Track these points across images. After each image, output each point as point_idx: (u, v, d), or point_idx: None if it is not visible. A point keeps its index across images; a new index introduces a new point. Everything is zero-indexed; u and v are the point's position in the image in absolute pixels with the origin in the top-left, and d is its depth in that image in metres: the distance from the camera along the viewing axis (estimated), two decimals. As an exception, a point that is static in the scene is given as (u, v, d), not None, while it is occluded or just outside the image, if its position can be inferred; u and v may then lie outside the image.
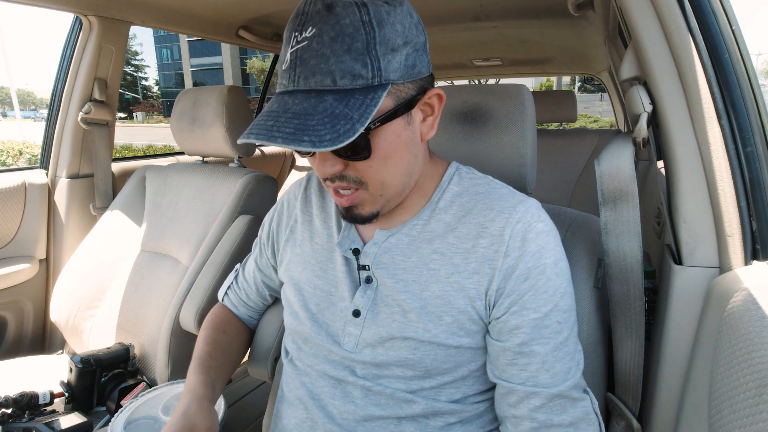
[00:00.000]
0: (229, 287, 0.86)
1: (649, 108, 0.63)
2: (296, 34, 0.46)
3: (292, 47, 0.47)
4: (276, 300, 0.88)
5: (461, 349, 0.57)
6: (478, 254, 0.56)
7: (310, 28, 0.45)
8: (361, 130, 0.43)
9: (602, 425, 0.56)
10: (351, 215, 0.56)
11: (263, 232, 0.78)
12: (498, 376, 0.57)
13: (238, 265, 0.87)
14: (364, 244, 0.62)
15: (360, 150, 0.49)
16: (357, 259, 0.61)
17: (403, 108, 0.49)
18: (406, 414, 0.59)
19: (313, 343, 0.64)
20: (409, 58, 0.48)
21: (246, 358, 0.90)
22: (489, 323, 0.57)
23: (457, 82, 2.84)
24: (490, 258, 0.55)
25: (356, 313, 0.60)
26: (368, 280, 0.60)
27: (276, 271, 0.77)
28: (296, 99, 0.46)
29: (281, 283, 0.74)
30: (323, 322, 0.63)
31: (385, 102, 0.47)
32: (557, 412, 0.53)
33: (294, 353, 0.68)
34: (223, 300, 0.87)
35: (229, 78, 44.05)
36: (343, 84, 0.45)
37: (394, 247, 0.59)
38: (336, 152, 0.50)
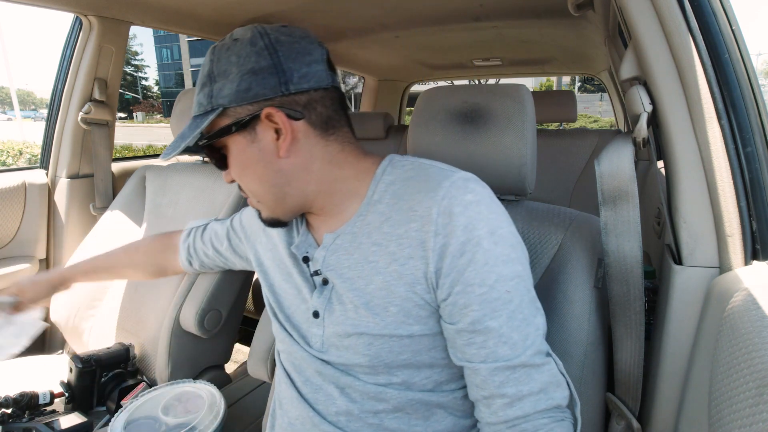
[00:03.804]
0: (196, 227, 0.96)
1: (649, 108, 0.63)
2: None
3: None
4: None
5: (414, 337, 0.57)
6: (410, 238, 0.56)
7: None
8: (183, 145, 0.56)
9: (570, 383, 0.56)
10: (260, 218, 0.65)
11: (246, 219, 0.83)
12: (460, 358, 0.56)
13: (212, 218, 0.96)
14: (319, 246, 0.64)
15: (212, 160, 0.62)
16: (308, 266, 0.64)
17: (238, 127, 0.56)
18: (383, 408, 0.60)
19: (291, 343, 0.67)
20: (242, 83, 0.54)
21: (246, 358, 0.90)
22: (438, 307, 0.57)
23: (457, 82, 2.84)
24: (421, 240, 0.55)
25: (315, 314, 0.63)
26: (325, 281, 0.62)
27: (244, 251, 0.84)
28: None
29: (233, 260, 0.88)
30: (295, 324, 0.67)
31: (222, 121, 0.57)
32: (524, 382, 0.53)
33: (282, 355, 0.71)
34: (183, 240, 0.96)
35: (229, 78, 43.74)
36: (195, 111, 0.59)
37: (339, 247, 0.61)
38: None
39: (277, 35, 0.56)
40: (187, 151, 0.60)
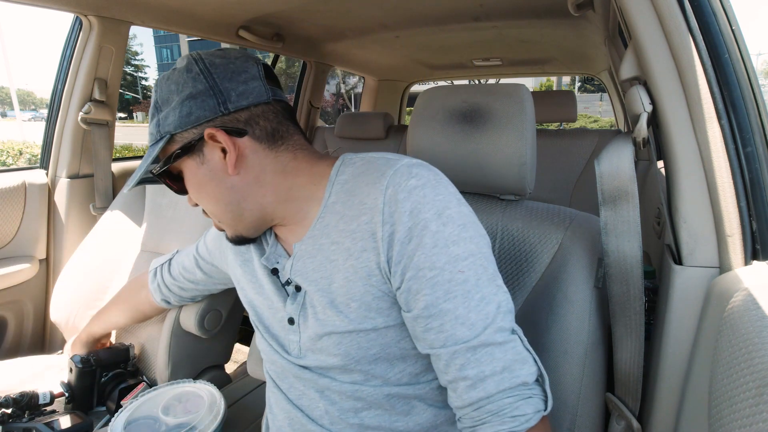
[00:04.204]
0: (161, 265, 0.98)
1: (649, 108, 0.63)
2: None
3: None
4: None
5: (379, 330, 0.58)
6: (362, 231, 0.56)
7: None
8: (139, 175, 0.59)
9: (537, 360, 0.54)
10: (228, 239, 0.66)
11: (210, 240, 0.85)
12: (423, 346, 0.56)
13: (176, 250, 0.98)
14: (290, 256, 0.64)
15: (167, 185, 0.63)
16: (278, 277, 0.66)
17: (186, 150, 0.58)
18: (362, 406, 0.61)
19: (272, 353, 0.68)
20: (183, 108, 0.56)
21: (246, 358, 0.90)
22: (396, 295, 0.57)
23: (457, 82, 2.84)
24: (372, 231, 0.55)
25: (291, 321, 0.64)
26: (297, 288, 0.63)
27: (219, 272, 0.86)
28: None
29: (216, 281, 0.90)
30: (274, 334, 0.68)
31: (171, 148, 0.59)
32: (486, 362, 0.52)
33: (266, 364, 0.73)
34: (151, 281, 0.98)
35: (229, 78, 43.81)
36: (149, 142, 0.60)
37: (304, 252, 0.61)
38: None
39: (212, 59, 0.58)
40: (147, 181, 0.63)
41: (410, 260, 0.53)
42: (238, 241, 0.65)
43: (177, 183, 0.63)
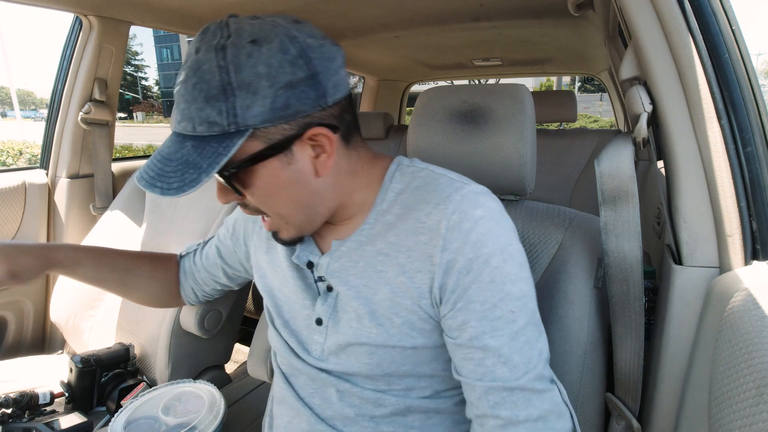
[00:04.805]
0: (188, 254, 0.88)
1: (649, 108, 0.63)
2: (178, 75, 0.49)
3: (175, 88, 0.49)
4: None
5: (418, 349, 0.56)
6: (419, 251, 0.54)
7: (183, 72, 0.47)
8: (206, 179, 0.45)
9: (574, 416, 0.53)
10: (277, 239, 0.59)
11: (231, 221, 0.79)
12: (458, 372, 0.55)
13: (200, 242, 0.88)
14: (323, 254, 0.61)
15: (233, 189, 0.51)
16: (312, 272, 0.62)
17: (274, 150, 0.48)
18: (380, 413, 0.60)
19: (287, 352, 0.66)
20: (278, 100, 0.45)
21: (246, 357, 0.90)
22: (440, 320, 0.55)
23: (457, 82, 2.84)
24: (429, 254, 0.53)
25: (319, 322, 0.61)
26: (329, 288, 0.60)
27: (239, 262, 0.79)
28: (170, 140, 0.49)
29: (243, 275, 0.82)
30: (294, 330, 0.66)
31: (251, 145, 0.47)
32: (522, 407, 0.50)
33: (279, 358, 0.70)
34: (180, 259, 0.88)
35: (229, 78, 43.77)
36: (201, 131, 0.46)
37: (344, 254, 0.59)
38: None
39: (304, 38, 0.48)
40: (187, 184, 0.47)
41: (465, 291, 0.51)
42: (295, 241, 0.60)
43: (235, 182, 0.51)
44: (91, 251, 0.81)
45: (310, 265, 0.62)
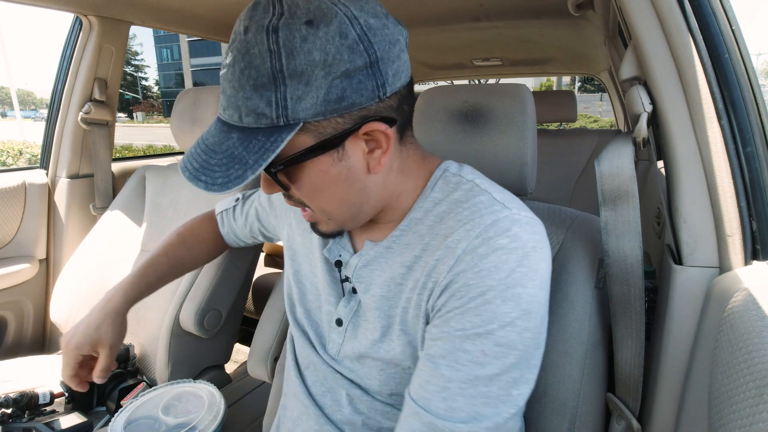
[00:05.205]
0: (225, 211, 0.88)
1: (649, 108, 0.63)
2: (225, 56, 0.44)
3: (221, 70, 0.44)
4: (275, 298, 0.88)
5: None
6: (431, 268, 0.49)
7: (230, 54, 0.43)
8: (252, 176, 0.41)
9: None
10: (315, 230, 0.56)
11: (271, 196, 0.77)
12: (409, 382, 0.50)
13: (239, 194, 0.87)
14: (355, 251, 0.59)
15: (278, 183, 0.47)
16: (340, 270, 0.59)
17: (326, 145, 0.44)
18: (388, 426, 0.58)
19: (305, 343, 0.64)
20: (333, 91, 0.40)
21: (246, 357, 0.90)
22: None
23: (457, 82, 2.84)
24: (439, 272, 0.48)
25: (339, 322, 0.60)
26: (354, 290, 0.58)
27: (274, 227, 0.78)
28: (215, 128, 0.45)
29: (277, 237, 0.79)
30: (314, 321, 0.64)
31: (301, 139, 0.43)
32: None
33: (297, 346, 0.68)
34: (216, 215, 0.89)
35: (229, 78, 43.77)
36: (248, 122, 0.42)
37: (373, 260, 0.55)
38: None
39: (365, 17, 0.42)
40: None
41: (448, 311, 0.47)
42: (333, 235, 0.56)
43: (281, 177, 0.47)
44: (138, 279, 0.78)
45: (339, 264, 0.59)
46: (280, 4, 0.41)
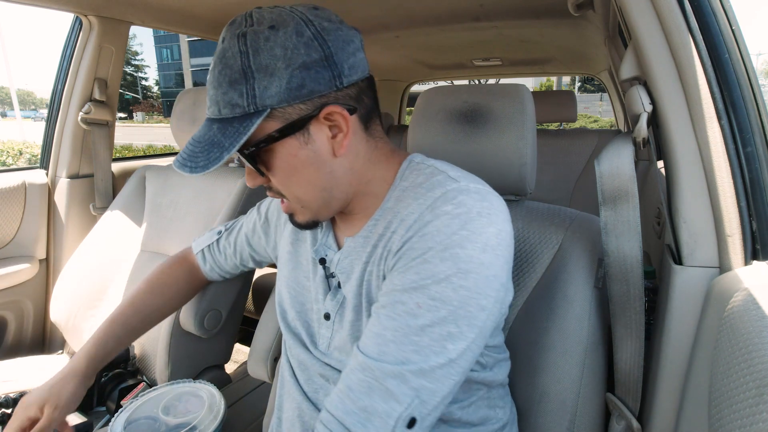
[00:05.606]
0: (208, 246, 0.90)
1: (649, 108, 0.63)
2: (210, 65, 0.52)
3: (207, 77, 0.53)
4: (275, 298, 0.88)
5: None
6: (389, 240, 0.54)
7: (213, 62, 0.51)
8: (227, 156, 0.48)
9: None
10: (292, 222, 0.61)
11: (263, 210, 0.81)
12: None
13: (221, 227, 0.90)
14: (340, 248, 0.62)
15: (257, 171, 0.54)
16: (324, 268, 0.63)
17: (291, 129, 0.50)
18: None
19: (296, 343, 0.66)
20: (293, 80, 0.48)
21: (246, 357, 0.90)
22: None
23: (457, 82, 2.84)
24: (392, 242, 0.53)
25: (327, 316, 0.63)
26: (339, 285, 0.61)
27: (265, 249, 0.81)
28: (202, 126, 0.53)
29: (268, 259, 0.83)
30: (305, 321, 0.67)
31: (270, 124, 0.50)
32: (363, 392, 0.47)
33: (289, 350, 0.71)
34: (196, 254, 0.91)
35: (229, 78, 43.77)
36: (226, 113, 0.50)
37: (352, 251, 0.59)
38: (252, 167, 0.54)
39: (320, 21, 0.50)
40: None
41: (392, 273, 0.51)
42: (309, 225, 0.60)
43: (257, 162, 0.53)
44: (105, 336, 0.80)
45: (323, 261, 0.63)
46: (250, 17, 0.49)
